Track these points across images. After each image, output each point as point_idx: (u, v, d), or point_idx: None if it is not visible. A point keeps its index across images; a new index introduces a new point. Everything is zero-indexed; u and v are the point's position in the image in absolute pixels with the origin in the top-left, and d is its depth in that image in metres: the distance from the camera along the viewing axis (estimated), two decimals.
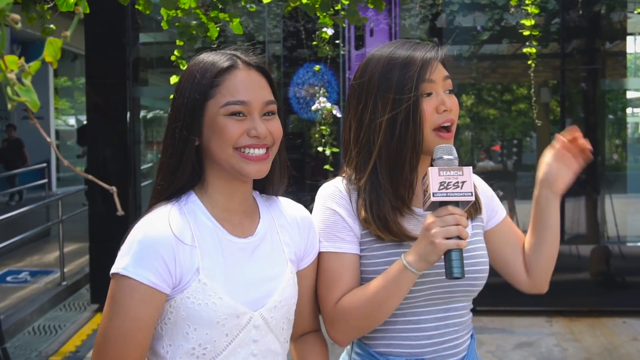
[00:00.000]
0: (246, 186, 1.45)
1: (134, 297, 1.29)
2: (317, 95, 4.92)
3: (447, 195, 1.40)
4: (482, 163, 7.96)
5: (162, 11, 3.24)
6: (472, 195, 1.41)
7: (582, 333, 5.84)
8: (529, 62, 4.45)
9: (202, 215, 1.39)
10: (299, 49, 6.97)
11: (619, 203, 7.01)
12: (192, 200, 1.40)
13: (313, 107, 4.79)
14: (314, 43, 4.41)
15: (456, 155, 1.46)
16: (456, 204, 1.41)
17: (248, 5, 3.72)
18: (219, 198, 1.41)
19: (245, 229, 1.43)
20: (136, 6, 3.24)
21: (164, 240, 1.32)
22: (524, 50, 4.38)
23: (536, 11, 4.13)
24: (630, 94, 8.42)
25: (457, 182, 1.40)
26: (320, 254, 1.55)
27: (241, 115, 1.35)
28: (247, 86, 1.37)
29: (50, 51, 0.74)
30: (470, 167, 1.43)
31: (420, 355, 1.57)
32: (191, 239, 1.35)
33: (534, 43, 4.25)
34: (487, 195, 1.73)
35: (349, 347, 1.66)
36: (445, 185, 1.40)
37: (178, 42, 3.59)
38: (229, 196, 1.42)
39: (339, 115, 4.70)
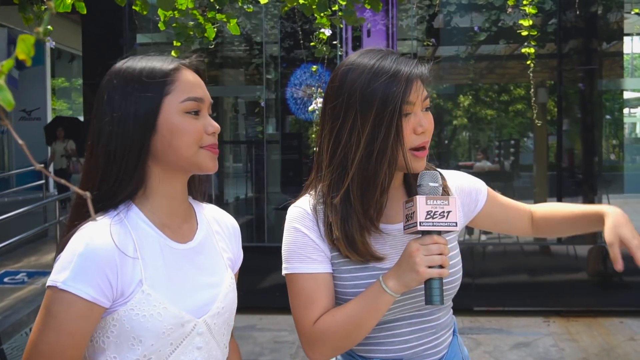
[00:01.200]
0: (185, 188, 1.43)
1: (71, 312, 1.25)
2: (314, 95, 4.92)
3: (433, 225, 1.41)
4: (479, 163, 7.98)
5: (160, 12, 3.24)
6: (456, 226, 1.42)
7: (580, 333, 5.84)
8: (528, 62, 4.45)
9: (144, 224, 1.35)
10: (296, 49, 6.98)
11: (615, 203, 6.99)
12: (132, 209, 1.35)
13: (310, 108, 4.80)
14: (312, 44, 4.40)
15: (441, 182, 1.46)
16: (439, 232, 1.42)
17: (245, 6, 3.72)
18: (161, 203, 1.38)
19: (185, 235, 1.41)
20: (133, 7, 3.24)
21: (107, 253, 1.27)
22: (523, 50, 4.38)
23: (534, 11, 4.13)
24: (627, 94, 8.44)
25: (443, 212, 1.41)
26: (293, 275, 1.54)
27: (196, 113, 1.35)
28: (198, 84, 1.38)
29: (23, 48, 0.71)
30: (455, 197, 1.45)
31: (399, 357, 1.59)
32: (133, 251, 1.31)
33: (533, 43, 4.25)
34: (464, 190, 1.69)
35: None
36: (431, 214, 1.41)
37: (175, 43, 3.58)
38: (171, 200, 1.39)
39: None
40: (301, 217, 1.56)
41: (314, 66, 5.17)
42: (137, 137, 1.32)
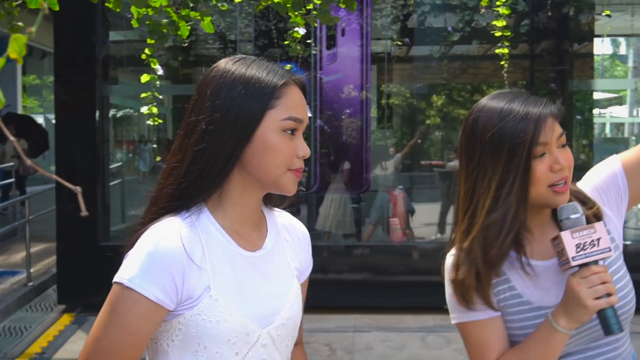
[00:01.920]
0: (261, 199, 1.41)
1: (135, 311, 1.24)
2: None
3: (586, 257, 1.40)
4: (452, 163, 8.01)
5: (133, 9, 3.19)
6: (610, 251, 1.41)
7: None
8: (501, 62, 4.48)
9: (214, 228, 1.33)
10: (270, 48, 6.94)
11: None
12: (204, 212, 1.34)
13: None
14: (285, 42, 4.38)
15: (582, 212, 1.45)
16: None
17: (219, 4, 3.69)
18: (235, 210, 1.36)
19: (254, 242, 1.39)
20: (106, 4, 3.19)
21: (175, 255, 1.26)
22: (497, 50, 4.41)
23: (507, 12, 4.16)
24: (597, 95, 8.54)
25: (593, 241, 1.40)
26: (463, 324, 1.55)
27: (292, 132, 1.32)
28: (302, 105, 1.36)
29: (15, 47, 0.72)
30: (602, 222, 1.44)
31: None
32: (202, 255, 1.29)
33: (506, 44, 4.28)
34: (602, 188, 1.61)
35: None
36: (582, 246, 1.40)
37: (149, 41, 3.54)
38: (245, 208, 1.37)
39: (309, 114, 4.68)
40: (457, 267, 1.55)
41: (288, 65, 5.14)
42: (231, 143, 1.29)
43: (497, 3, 4.16)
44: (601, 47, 8.30)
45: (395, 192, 7.36)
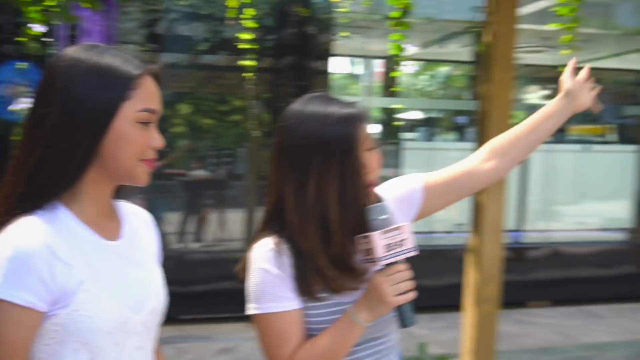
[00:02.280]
0: (113, 189, 1.38)
1: (8, 320, 1.17)
2: (21, 95, 4.53)
3: (393, 257, 1.48)
4: (194, 172, 7.99)
5: None
6: (415, 250, 1.49)
7: None
8: (247, 75, 4.57)
9: (73, 223, 1.28)
10: (5, 44, 6.36)
11: None
12: (59, 209, 1.27)
13: (13, 107, 4.41)
14: (20, 39, 4.04)
15: (390, 212, 1.52)
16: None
17: None
18: (91, 203, 1.31)
19: (114, 233, 1.36)
20: None
21: (39, 255, 1.19)
22: (242, 62, 4.49)
23: (254, 25, 4.26)
24: None
25: (400, 241, 1.48)
26: (265, 315, 1.55)
27: (146, 124, 1.30)
28: (157, 96, 1.33)
29: None
30: (408, 223, 1.52)
31: None
32: (67, 250, 1.23)
33: (252, 57, 4.38)
34: (401, 199, 1.73)
35: None
36: (390, 247, 1.48)
37: None
38: (101, 200, 1.34)
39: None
40: (269, 258, 1.56)
41: (23, 63, 4.76)
42: (87, 137, 1.24)
43: (243, 16, 4.25)
44: (337, 65, 8.88)
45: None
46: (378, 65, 8.96)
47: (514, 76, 3.99)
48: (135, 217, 1.47)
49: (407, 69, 4.70)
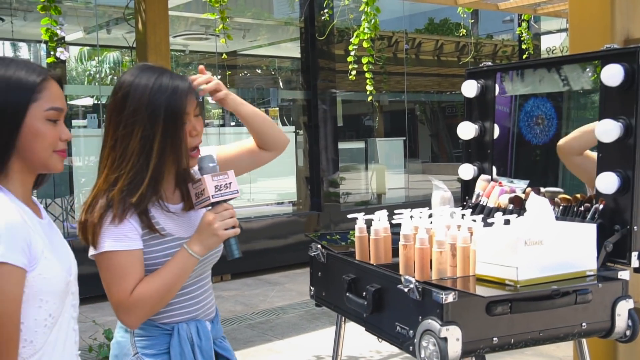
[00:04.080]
0: (34, 178, 1.59)
1: (12, 280, 1.39)
2: None
3: (222, 196, 1.76)
4: None
5: None
6: (238, 192, 1.76)
7: None
8: None
9: (19, 202, 1.50)
10: None
11: None
12: (4, 191, 1.49)
13: None
14: None
15: (216, 162, 1.82)
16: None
17: None
18: (20, 188, 1.53)
19: (38, 212, 1.59)
20: None
21: (22, 224, 1.43)
22: None
23: None
24: None
25: (226, 184, 1.76)
26: (109, 253, 1.75)
27: (55, 121, 1.53)
28: (61, 96, 1.56)
29: None
30: (232, 171, 1.79)
31: (194, 317, 1.89)
32: (30, 222, 1.48)
33: None
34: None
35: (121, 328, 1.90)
36: (219, 188, 1.75)
37: None
38: (27, 186, 1.56)
39: None
40: (113, 205, 1.76)
41: None
42: (4, 134, 1.47)
43: None
44: None
45: None
46: (42, 51, 8.40)
47: (170, 62, 4.05)
48: (38, 203, 1.67)
49: (64, 55, 4.45)
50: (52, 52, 4.37)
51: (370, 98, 6.95)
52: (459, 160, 2.88)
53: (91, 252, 1.78)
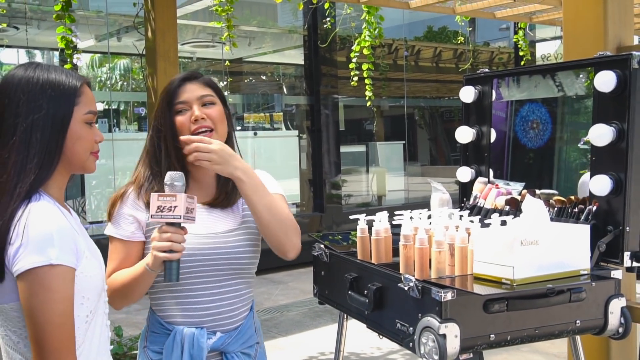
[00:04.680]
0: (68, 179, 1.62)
1: (66, 281, 1.41)
2: None
3: (162, 217, 1.67)
4: None
5: None
6: (180, 218, 1.65)
7: None
8: None
9: (56, 206, 1.51)
10: None
11: None
12: (44, 195, 1.50)
13: None
14: None
15: (181, 182, 1.70)
16: (179, 223, 1.68)
17: None
18: (58, 190, 1.56)
19: (70, 213, 1.60)
20: None
21: (69, 227, 1.47)
22: None
23: None
24: None
25: (171, 207, 1.66)
26: (109, 236, 1.88)
27: (90, 124, 1.56)
28: (94, 99, 1.59)
29: None
30: (184, 195, 1.66)
31: (200, 323, 1.85)
32: (72, 224, 1.52)
33: None
34: (263, 179, 1.92)
35: (148, 315, 1.94)
36: (161, 209, 1.66)
37: None
38: (62, 189, 1.59)
39: None
40: (129, 198, 1.89)
41: None
42: (54, 137, 1.49)
43: None
44: (11, 56, 8.16)
45: None
46: (55, 58, 8.43)
47: (179, 69, 4.06)
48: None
49: (80, 61, 4.50)
50: (68, 59, 4.39)
51: (369, 103, 6.95)
52: (456, 163, 2.89)
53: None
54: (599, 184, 2.08)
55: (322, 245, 2.29)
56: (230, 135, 1.99)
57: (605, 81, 2.06)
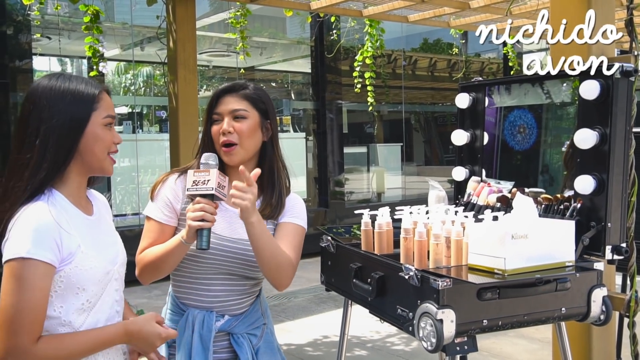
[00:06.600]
0: (87, 178, 1.65)
1: (38, 273, 1.43)
2: None
3: (196, 190, 1.69)
4: None
5: None
6: (213, 190, 1.67)
7: None
8: None
9: (65, 203, 1.55)
10: None
11: None
12: (55, 194, 1.53)
13: None
14: None
15: (213, 161, 1.75)
16: (211, 196, 1.69)
17: None
18: (74, 188, 1.59)
19: (89, 209, 1.64)
20: None
21: (52, 226, 1.47)
22: None
23: None
24: None
25: (205, 180, 1.69)
26: (147, 217, 1.92)
27: (109, 126, 1.59)
28: (112, 105, 1.63)
29: None
30: (216, 170, 1.70)
31: (210, 308, 1.89)
32: (67, 223, 1.51)
33: None
34: (291, 205, 2.03)
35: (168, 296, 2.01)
36: (196, 183, 1.69)
37: None
38: (81, 187, 1.62)
39: None
40: (169, 182, 1.93)
41: None
42: (70, 138, 1.53)
43: None
44: (43, 64, 8.18)
45: None
46: (84, 66, 8.47)
47: (197, 76, 4.06)
48: (96, 198, 1.73)
49: (105, 69, 4.54)
50: (94, 67, 4.39)
51: (370, 109, 6.95)
52: (449, 164, 2.89)
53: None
54: (583, 184, 2.07)
55: (329, 237, 2.29)
56: (265, 145, 1.95)
57: (590, 89, 2.06)
